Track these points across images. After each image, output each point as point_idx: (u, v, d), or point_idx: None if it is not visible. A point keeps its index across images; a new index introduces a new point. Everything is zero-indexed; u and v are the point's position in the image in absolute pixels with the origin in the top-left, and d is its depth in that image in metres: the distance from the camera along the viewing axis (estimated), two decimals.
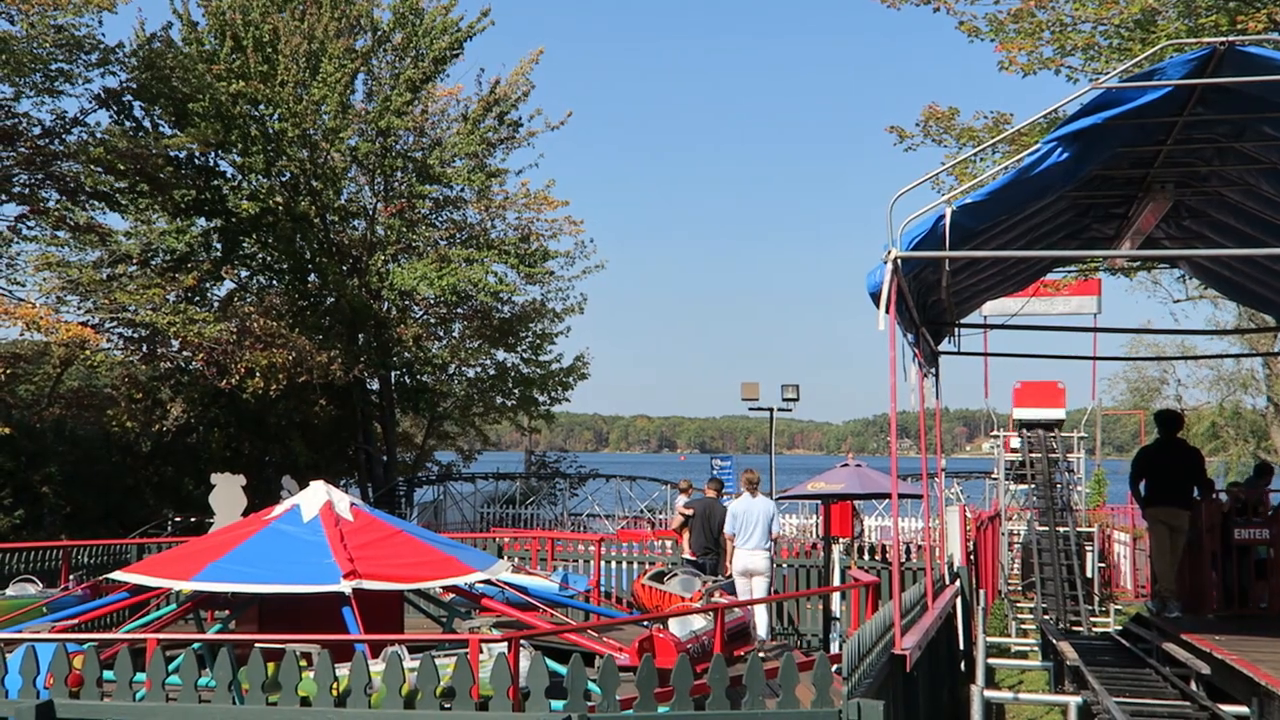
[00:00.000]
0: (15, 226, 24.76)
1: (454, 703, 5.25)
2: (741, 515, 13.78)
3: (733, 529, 13.80)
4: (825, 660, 5.30)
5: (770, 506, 14.11)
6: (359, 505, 11.37)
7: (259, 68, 28.12)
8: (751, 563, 13.68)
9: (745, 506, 13.84)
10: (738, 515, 13.81)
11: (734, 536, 13.78)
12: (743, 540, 13.71)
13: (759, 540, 13.69)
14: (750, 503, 13.90)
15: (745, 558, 13.69)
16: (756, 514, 13.78)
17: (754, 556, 13.68)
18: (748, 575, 13.73)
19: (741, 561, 13.72)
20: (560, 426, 51.67)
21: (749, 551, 13.67)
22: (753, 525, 13.70)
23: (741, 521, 13.74)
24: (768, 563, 13.87)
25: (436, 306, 32.94)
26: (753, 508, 13.83)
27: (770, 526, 13.85)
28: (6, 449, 21.50)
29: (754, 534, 13.68)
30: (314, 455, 29.47)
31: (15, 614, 11.18)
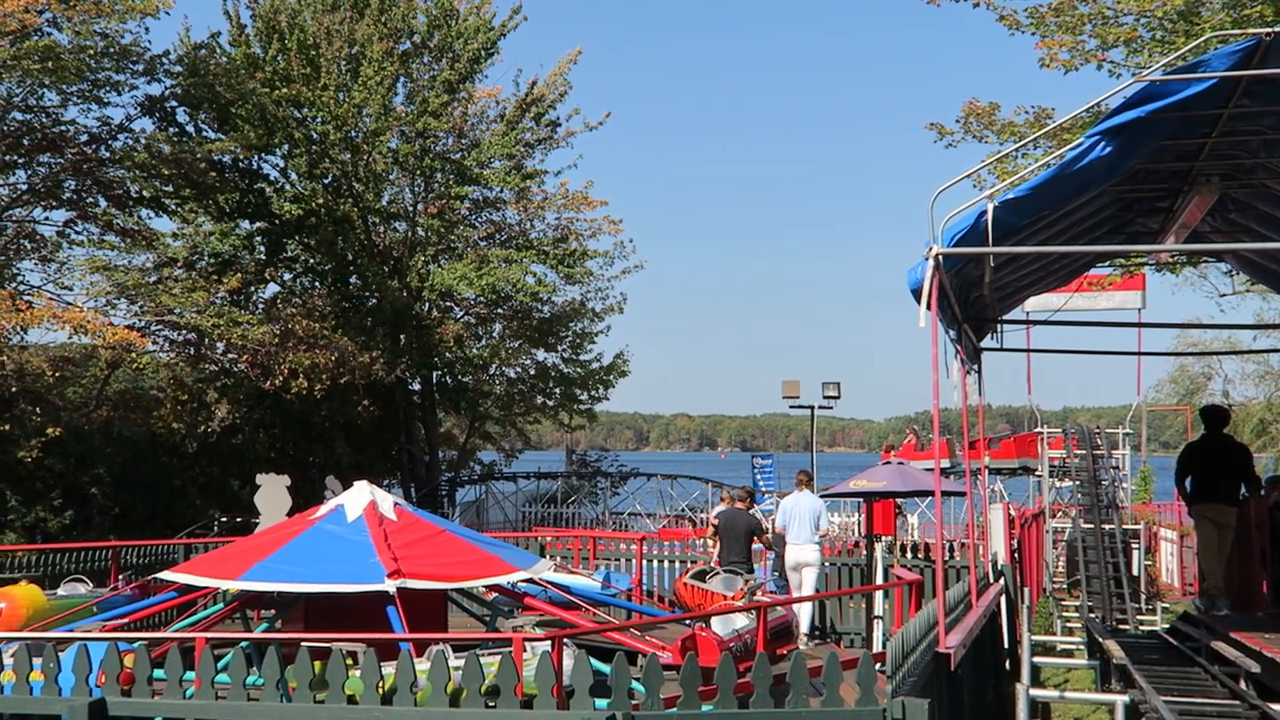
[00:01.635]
0: (64, 231, 25.13)
1: (499, 701, 5.28)
2: (791, 510, 14.57)
3: (783, 523, 14.61)
4: (869, 659, 5.28)
5: (818, 503, 14.93)
6: (402, 505, 11.44)
7: (302, 70, 28.38)
8: (801, 555, 14.45)
9: (795, 501, 14.64)
10: (787, 510, 14.61)
11: (785, 530, 14.53)
12: (793, 535, 14.52)
13: (808, 534, 14.43)
14: (799, 498, 14.69)
15: (795, 551, 14.49)
16: (805, 509, 14.57)
17: (803, 550, 14.45)
18: (797, 568, 14.52)
19: (792, 555, 14.53)
20: (601, 425, 51.70)
21: (798, 545, 14.47)
22: (801, 519, 14.45)
23: (791, 516, 14.53)
24: (817, 555, 14.65)
25: (477, 306, 33.11)
26: (801, 502, 14.64)
27: (818, 522, 14.64)
28: (56, 450, 21.80)
29: (803, 528, 14.44)
30: (357, 455, 29.68)
31: (66, 613, 11.32)
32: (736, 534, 14.67)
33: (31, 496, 21.84)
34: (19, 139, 23.13)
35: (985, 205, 7.75)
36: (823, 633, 15.83)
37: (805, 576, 14.57)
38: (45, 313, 20.39)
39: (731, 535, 14.72)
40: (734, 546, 14.80)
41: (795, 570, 14.59)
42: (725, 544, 15.04)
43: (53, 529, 21.57)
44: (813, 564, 14.61)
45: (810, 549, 14.51)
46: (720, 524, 15.33)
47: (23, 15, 19.36)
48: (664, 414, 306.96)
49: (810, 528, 14.52)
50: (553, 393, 36.07)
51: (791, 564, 14.59)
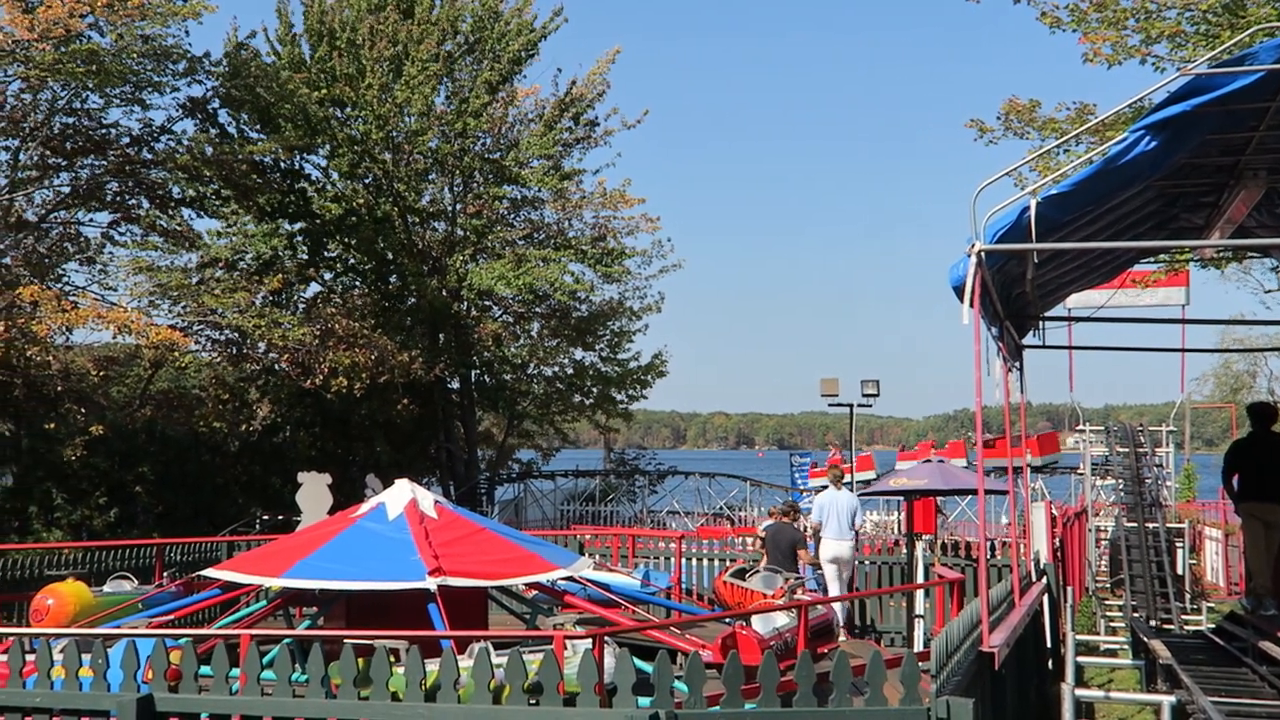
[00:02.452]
0: (107, 233, 25.44)
1: (541, 698, 5.28)
2: (828, 506, 14.80)
3: (820, 518, 14.80)
4: (913, 658, 5.24)
5: (854, 499, 15.25)
6: (443, 503, 11.48)
7: (347, 70, 28.58)
8: (838, 551, 14.77)
9: (831, 498, 14.88)
10: (824, 506, 14.81)
11: (821, 525, 14.75)
12: (830, 530, 14.81)
13: (845, 530, 14.79)
14: (835, 495, 14.95)
15: (833, 547, 14.76)
16: (841, 505, 14.88)
17: (840, 545, 14.77)
18: (835, 562, 14.80)
19: (829, 550, 14.77)
20: (638, 424, 51.77)
21: (836, 541, 14.75)
22: (840, 516, 14.78)
23: (828, 512, 14.77)
24: (852, 551, 15.03)
25: (515, 306, 33.21)
26: (838, 499, 14.91)
27: (853, 518, 15.04)
28: (101, 449, 22.06)
29: (841, 524, 14.79)
30: (397, 454, 29.84)
31: (112, 610, 11.45)
32: (782, 548, 14.95)
33: (77, 495, 22.11)
34: (63, 142, 23.42)
35: (1028, 201, 7.69)
36: (861, 630, 15.78)
37: (840, 572, 14.89)
38: (90, 313, 20.64)
39: (777, 548, 15.04)
40: (779, 559, 15.11)
41: (831, 564, 14.86)
42: (771, 556, 15.40)
43: (98, 527, 21.82)
44: (848, 559, 14.95)
45: (847, 544, 14.84)
46: (767, 537, 15.70)
47: (68, 20, 19.58)
48: (701, 412, 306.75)
49: (847, 524, 14.86)
50: (590, 392, 36.12)
51: (828, 558, 14.82)
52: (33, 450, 23.04)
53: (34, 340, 19.80)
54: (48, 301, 19.77)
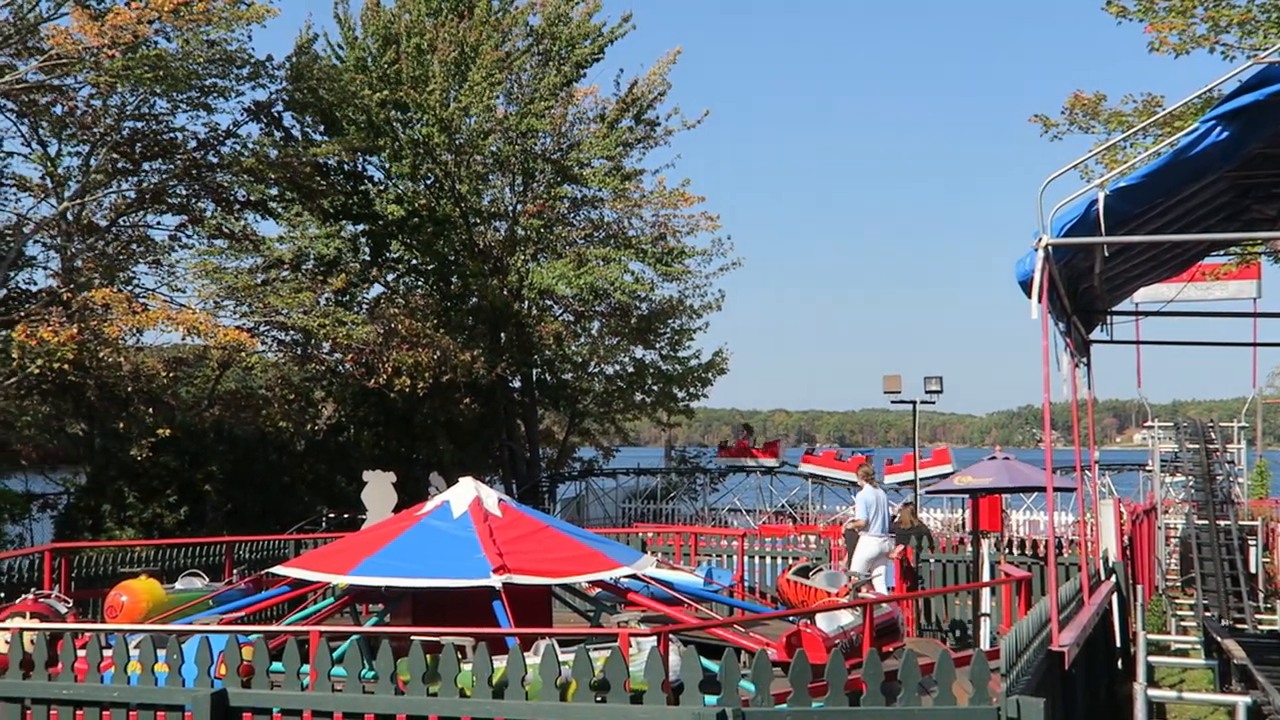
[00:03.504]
0: (175, 235, 25.87)
1: (608, 695, 5.30)
2: (874, 504, 14.93)
3: (866, 516, 14.84)
4: (982, 656, 5.19)
5: (887, 496, 15.73)
6: (507, 501, 11.56)
7: (412, 74, 28.83)
8: (885, 546, 14.91)
9: (875, 496, 15.05)
10: (869, 504, 14.89)
11: (868, 523, 14.81)
12: (877, 528, 14.84)
13: (887, 525, 15.01)
14: (877, 492, 15.17)
15: (881, 543, 14.83)
16: (884, 502, 15.19)
17: (887, 541, 14.94)
18: (880, 560, 14.92)
19: (875, 547, 14.80)
20: (698, 422, 51.65)
21: (880, 538, 14.84)
22: (886, 513, 15.06)
23: (875, 510, 14.88)
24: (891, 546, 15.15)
25: (576, 305, 33.30)
26: (881, 497, 15.16)
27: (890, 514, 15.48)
28: (171, 449, 22.42)
29: (886, 521, 15.02)
30: (459, 452, 30.04)
31: (184, 606, 11.66)
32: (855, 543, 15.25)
33: (148, 493, 22.48)
34: (131, 146, 23.84)
35: (1096, 194, 7.59)
36: (936, 629, 15.77)
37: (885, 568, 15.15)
38: (160, 315, 20.98)
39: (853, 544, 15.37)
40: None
41: (878, 560, 14.94)
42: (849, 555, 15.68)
43: (169, 525, 22.18)
44: (891, 555, 15.19)
45: (890, 540, 15.07)
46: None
47: (136, 26, 19.92)
48: (762, 410, 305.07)
49: (888, 519, 15.19)
50: (651, 390, 36.13)
51: (873, 555, 14.88)
52: (105, 450, 23.49)
53: (105, 342, 20.16)
54: (118, 304, 20.12)
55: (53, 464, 27.21)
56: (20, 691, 5.88)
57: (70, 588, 13.38)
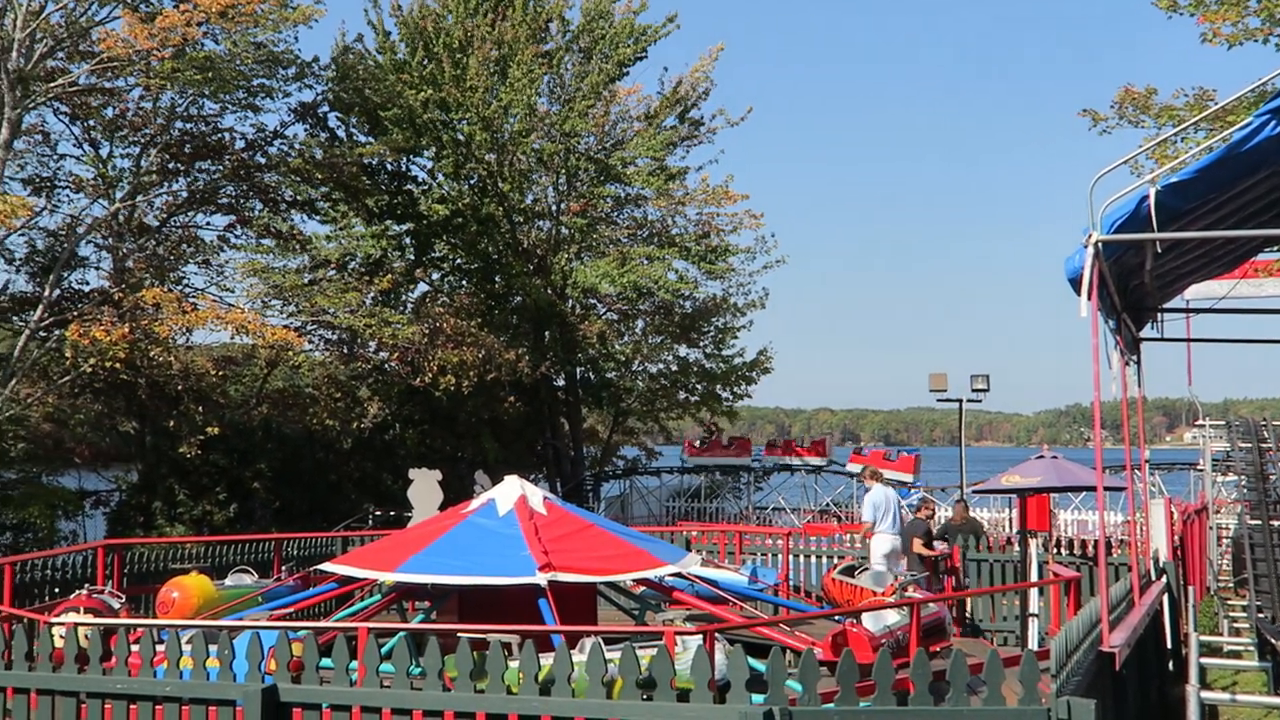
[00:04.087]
0: (224, 236, 26.17)
1: (654, 693, 5.30)
2: (883, 503, 15.23)
3: (874, 516, 15.17)
4: (1032, 657, 5.15)
5: (898, 495, 16.12)
6: (552, 499, 11.57)
7: (450, 73, 28.95)
8: (894, 544, 15.19)
9: (884, 495, 15.35)
10: (878, 504, 15.19)
11: (875, 522, 15.10)
12: (887, 526, 15.17)
13: (896, 524, 15.28)
14: (886, 492, 15.48)
15: (888, 541, 15.13)
16: (893, 501, 15.48)
17: (896, 540, 15.21)
18: (889, 557, 15.14)
19: (885, 545, 15.11)
20: (742, 421, 51.41)
21: (891, 535, 15.15)
22: (895, 511, 15.33)
23: (884, 509, 15.18)
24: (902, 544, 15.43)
25: (619, 303, 33.32)
26: (890, 496, 15.48)
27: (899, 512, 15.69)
28: (220, 447, 22.68)
29: (896, 519, 15.29)
30: (504, 451, 30.18)
31: (234, 603, 11.77)
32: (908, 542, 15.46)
33: (198, 491, 22.77)
34: (181, 147, 24.14)
35: (1147, 190, 7.48)
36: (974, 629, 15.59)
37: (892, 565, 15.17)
38: (209, 314, 21.23)
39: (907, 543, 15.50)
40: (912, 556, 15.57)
41: (885, 559, 15.08)
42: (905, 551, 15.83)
43: (218, 522, 22.44)
44: (900, 553, 15.35)
45: (899, 539, 15.31)
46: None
47: (185, 29, 20.16)
48: (806, 408, 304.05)
49: (898, 518, 15.42)
50: (695, 388, 36.10)
51: (883, 553, 15.07)
52: (156, 448, 23.81)
53: (156, 341, 20.43)
54: (169, 303, 20.38)
55: (105, 462, 27.66)
56: (76, 685, 5.97)
57: (123, 583, 13.54)
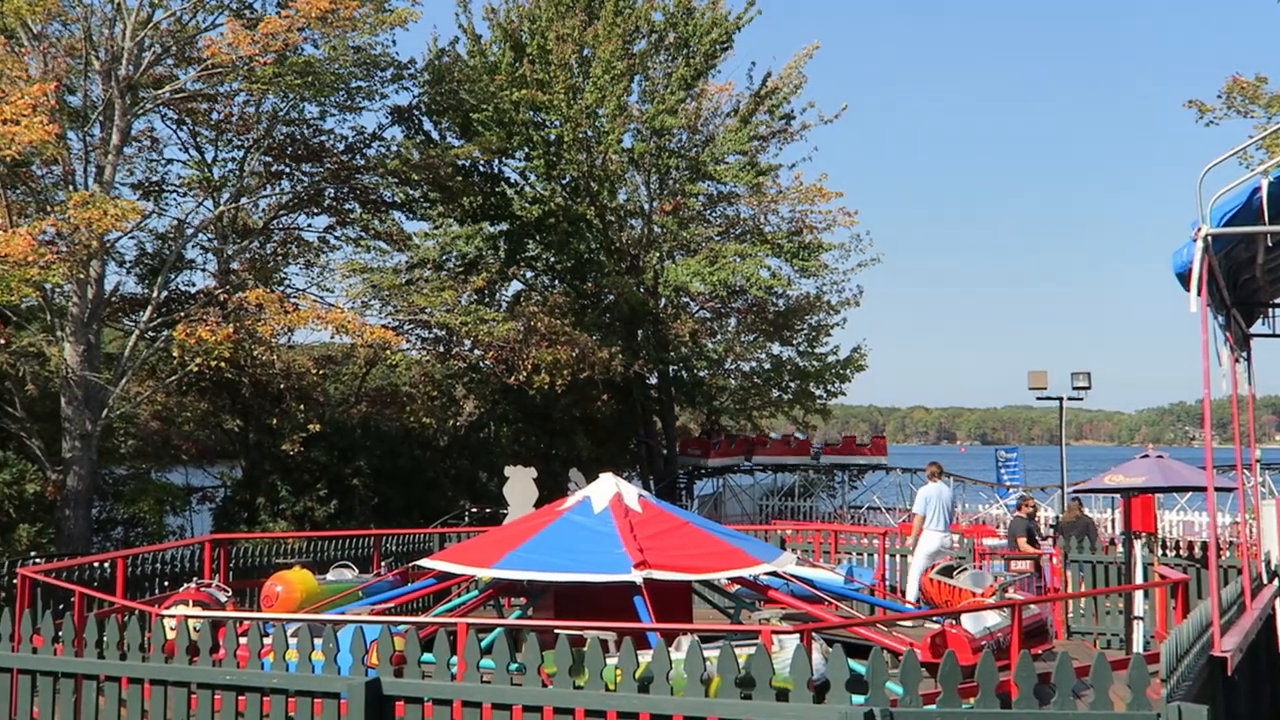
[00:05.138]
0: (324, 237, 26.67)
1: (753, 692, 5.28)
2: (935, 499, 15.17)
3: (924, 510, 15.14)
4: (1141, 660, 5.02)
5: (952, 493, 16.20)
6: (646, 497, 11.58)
7: (538, 75, 29.18)
8: (945, 542, 15.24)
9: (937, 491, 15.25)
10: (929, 499, 15.16)
11: (925, 518, 15.10)
12: (937, 523, 15.12)
13: (948, 521, 15.32)
14: (940, 488, 15.38)
15: (936, 539, 15.09)
16: (947, 498, 15.47)
17: (944, 538, 15.24)
18: (936, 555, 15.03)
19: (933, 542, 15.05)
20: (835, 419, 50.91)
21: (941, 532, 15.15)
22: (947, 508, 15.31)
23: (935, 506, 15.15)
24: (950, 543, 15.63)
25: (711, 302, 33.28)
26: (944, 493, 15.41)
27: (952, 510, 15.89)
28: (321, 444, 23.10)
29: (947, 517, 15.31)
30: (597, 449, 30.31)
31: (336, 597, 12.00)
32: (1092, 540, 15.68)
33: (300, 487, 23.21)
34: (283, 150, 24.65)
35: (1258, 181, 7.28)
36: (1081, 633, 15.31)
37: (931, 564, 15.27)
38: (310, 314, 21.63)
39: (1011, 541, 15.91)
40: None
41: (931, 556, 14.99)
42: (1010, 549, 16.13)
43: (319, 518, 22.85)
44: (949, 550, 15.43)
45: (948, 537, 15.37)
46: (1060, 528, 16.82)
47: (285, 34, 20.57)
48: (900, 407, 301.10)
49: (949, 517, 15.45)
50: (788, 387, 35.93)
51: (930, 550, 15.01)
52: (259, 445, 24.35)
53: (259, 340, 20.87)
54: (271, 304, 20.81)
55: (210, 458, 28.39)
56: (187, 676, 6.12)
57: (228, 577, 13.88)
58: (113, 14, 21.14)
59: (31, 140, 17.31)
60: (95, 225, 18.19)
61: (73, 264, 18.50)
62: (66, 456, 20.27)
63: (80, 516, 20.26)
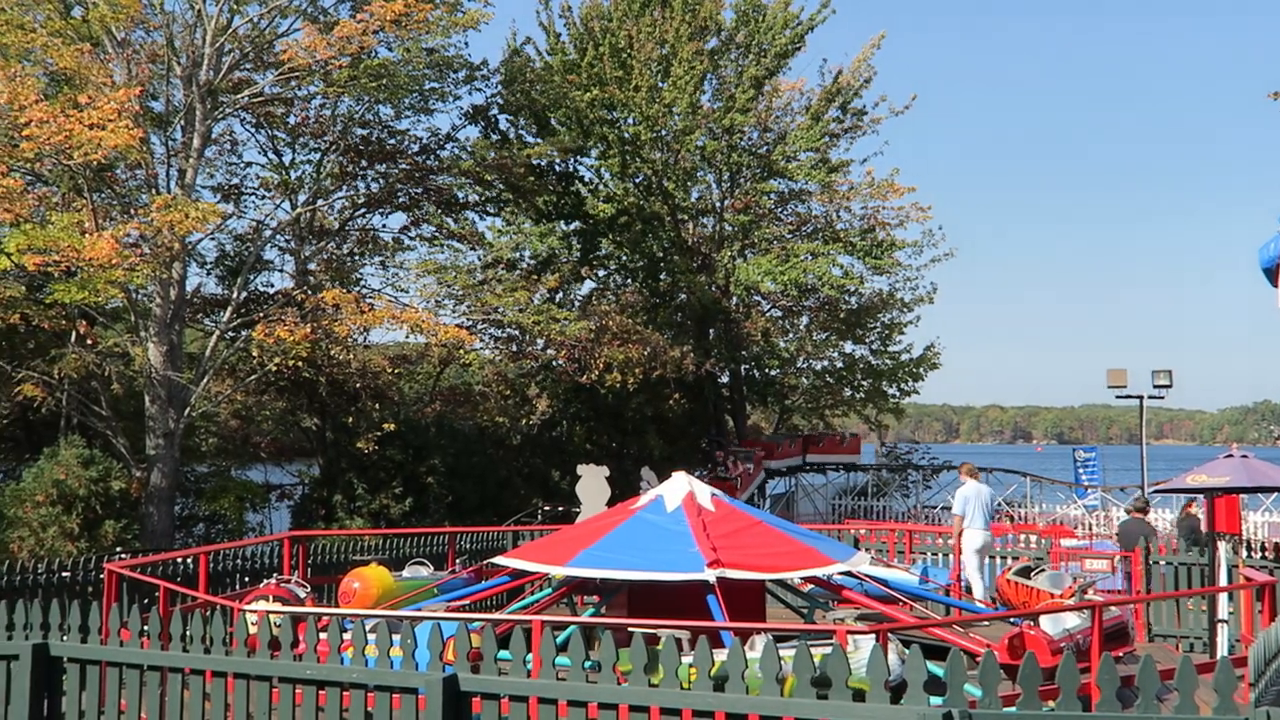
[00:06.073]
0: (398, 237, 26.98)
1: (829, 692, 5.25)
2: (972, 498, 15.27)
3: (963, 510, 15.19)
4: (1228, 664, 4.92)
5: (991, 491, 16.23)
6: (719, 495, 11.57)
7: (614, 74, 29.25)
8: (985, 540, 15.33)
9: (975, 491, 15.36)
10: (968, 498, 15.25)
11: (964, 517, 15.15)
12: (978, 522, 15.17)
13: (987, 519, 15.40)
14: (979, 488, 15.50)
15: (979, 537, 15.18)
16: (986, 497, 15.57)
17: (986, 536, 15.34)
18: (980, 553, 15.28)
19: (976, 540, 15.15)
20: (908, 418, 50.40)
21: (981, 531, 15.21)
22: (987, 507, 15.42)
23: (974, 505, 15.23)
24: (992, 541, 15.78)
25: (783, 300, 33.14)
26: (983, 492, 15.52)
27: (992, 509, 15.92)
28: (396, 442, 23.36)
29: (987, 515, 15.40)
30: (668, 447, 30.31)
31: (412, 594, 12.14)
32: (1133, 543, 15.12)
33: (376, 485, 23.49)
34: (358, 151, 24.98)
35: None
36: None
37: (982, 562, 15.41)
38: (385, 314, 21.87)
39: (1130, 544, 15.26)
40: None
41: (976, 554, 15.17)
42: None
43: (394, 515, 23.11)
44: (989, 549, 15.70)
45: (989, 535, 15.47)
46: (1120, 534, 16.59)
47: (360, 38, 20.84)
48: (975, 405, 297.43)
49: (990, 515, 15.58)
50: (860, 385, 35.67)
51: (975, 548, 15.13)
52: (336, 443, 24.69)
53: (336, 340, 21.16)
54: (347, 304, 21.08)
55: (289, 456, 28.87)
56: (269, 670, 6.22)
57: (307, 573, 14.09)
58: (193, 20, 21.57)
59: (116, 144, 17.70)
60: (177, 227, 18.57)
61: (156, 265, 18.91)
62: (150, 454, 20.72)
63: (164, 513, 20.70)
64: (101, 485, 18.51)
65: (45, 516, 17.73)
